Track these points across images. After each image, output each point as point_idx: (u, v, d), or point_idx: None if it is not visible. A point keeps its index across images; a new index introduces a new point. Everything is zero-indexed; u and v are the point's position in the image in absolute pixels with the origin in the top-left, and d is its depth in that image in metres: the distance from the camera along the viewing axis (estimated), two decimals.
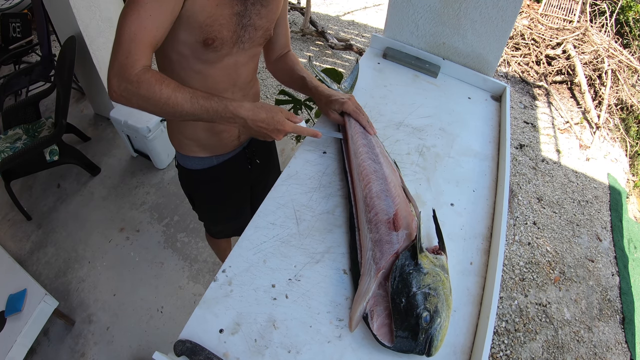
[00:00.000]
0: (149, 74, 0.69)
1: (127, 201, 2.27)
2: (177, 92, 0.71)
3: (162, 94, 0.70)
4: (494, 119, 1.17)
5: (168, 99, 0.70)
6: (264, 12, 0.83)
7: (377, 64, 1.31)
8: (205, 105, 0.73)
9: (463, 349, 0.68)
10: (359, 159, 0.88)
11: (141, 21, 0.67)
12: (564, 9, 4.07)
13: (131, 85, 0.68)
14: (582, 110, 3.34)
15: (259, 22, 0.83)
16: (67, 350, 1.68)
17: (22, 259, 1.99)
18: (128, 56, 0.67)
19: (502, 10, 1.12)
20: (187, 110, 0.72)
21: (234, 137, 1.06)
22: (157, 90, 0.69)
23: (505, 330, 1.93)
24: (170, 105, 0.71)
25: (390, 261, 0.70)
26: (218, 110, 0.74)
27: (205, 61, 0.83)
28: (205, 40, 0.77)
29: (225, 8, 0.75)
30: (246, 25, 0.80)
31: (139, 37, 0.67)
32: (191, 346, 0.62)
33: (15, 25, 2.79)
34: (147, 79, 0.68)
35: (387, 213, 0.77)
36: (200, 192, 1.18)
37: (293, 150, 2.60)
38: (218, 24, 0.75)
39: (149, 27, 0.67)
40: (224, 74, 0.88)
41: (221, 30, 0.77)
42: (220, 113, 0.75)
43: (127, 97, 0.70)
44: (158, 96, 0.69)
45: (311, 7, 3.65)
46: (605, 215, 2.58)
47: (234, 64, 0.88)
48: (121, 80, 0.68)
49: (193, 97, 0.72)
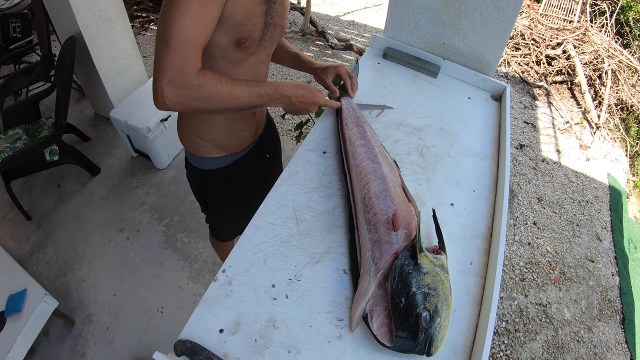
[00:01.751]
0: (208, 74, 0.71)
1: (127, 201, 2.27)
2: (235, 86, 0.76)
3: (224, 92, 0.74)
4: (494, 119, 1.17)
5: (229, 94, 0.75)
6: (281, 10, 0.84)
7: (377, 64, 1.31)
8: (260, 92, 0.80)
9: (463, 349, 0.68)
10: (357, 160, 0.88)
11: (193, 24, 0.65)
12: (564, 9, 4.07)
13: (192, 90, 0.69)
14: (582, 110, 3.34)
15: (279, 21, 0.85)
16: (67, 351, 1.68)
17: (22, 259, 1.99)
18: (184, 61, 0.66)
19: (502, 11, 1.12)
20: (245, 101, 0.78)
21: (251, 135, 1.08)
22: (219, 90, 0.73)
23: (505, 330, 1.93)
24: (231, 100, 0.76)
25: (389, 261, 0.70)
26: (270, 93, 0.82)
27: (233, 61, 0.84)
28: (238, 39, 0.78)
29: (257, 7, 0.76)
30: (269, 24, 0.82)
31: (193, 41, 0.66)
32: (191, 346, 0.62)
33: (15, 25, 2.79)
34: (208, 80, 0.71)
35: (386, 213, 0.77)
36: (214, 191, 1.18)
37: (293, 150, 2.60)
38: (252, 23, 0.77)
39: (201, 29, 0.67)
40: (247, 73, 0.90)
41: (254, 30, 0.78)
42: (271, 96, 0.83)
43: (184, 103, 0.70)
44: (220, 95, 0.73)
45: (311, 7, 3.65)
46: (605, 215, 2.58)
47: (256, 62, 0.90)
48: (178, 87, 0.67)
49: (249, 87, 0.79)
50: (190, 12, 0.64)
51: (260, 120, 1.11)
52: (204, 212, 1.33)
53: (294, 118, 2.81)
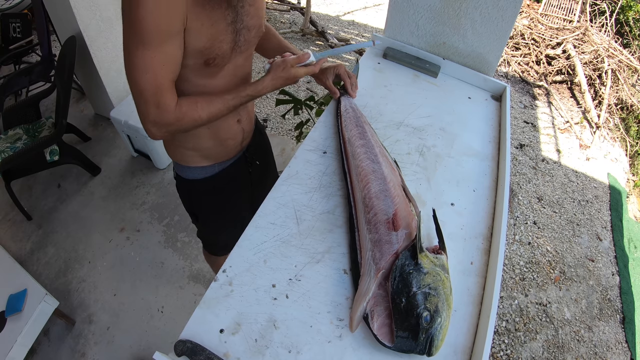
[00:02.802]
0: (183, 107, 0.75)
1: (127, 201, 2.27)
2: (213, 106, 0.79)
3: (202, 116, 0.78)
4: (494, 118, 1.17)
5: (209, 116, 0.79)
6: (253, 11, 0.83)
7: (377, 64, 1.31)
8: (240, 100, 0.83)
9: (463, 349, 0.68)
10: (357, 160, 0.88)
11: (157, 73, 0.69)
12: (564, 9, 4.07)
13: (172, 126, 0.75)
14: (582, 110, 3.34)
15: (251, 22, 0.83)
16: (67, 350, 1.68)
17: (22, 259, 1.99)
18: (159, 106, 0.72)
19: (502, 10, 1.12)
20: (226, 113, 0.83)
21: (238, 143, 1.07)
22: (197, 117, 0.77)
23: (505, 330, 1.93)
24: (212, 119, 0.81)
25: (390, 261, 0.70)
26: (251, 94, 0.85)
27: (208, 75, 0.84)
28: (206, 60, 0.78)
29: (220, 23, 0.74)
30: (240, 30, 0.80)
31: (163, 86, 0.71)
32: (192, 346, 0.62)
33: (15, 25, 2.79)
34: (185, 112, 0.75)
35: (386, 213, 0.77)
36: (203, 201, 1.17)
37: (293, 150, 2.60)
38: (217, 41, 0.76)
39: (166, 73, 0.71)
40: (226, 81, 0.89)
41: (221, 47, 0.77)
42: (253, 96, 0.86)
43: (171, 134, 0.78)
44: (201, 119, 0.78)
45: (311, 7, 3.65)
46: (605, 214, 2.58)
47: (233, 69, 0.89)
48: (160, 127, 0.75)
49: (226, 102, 0.81)
50: (152, 66, 0.68)
51: (247, 128, 1.09)
52: (194, 223, 1.31)
53: (294, 118, 2.81)
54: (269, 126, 2.85)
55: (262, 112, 2.97)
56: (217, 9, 0.72)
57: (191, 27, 0.70)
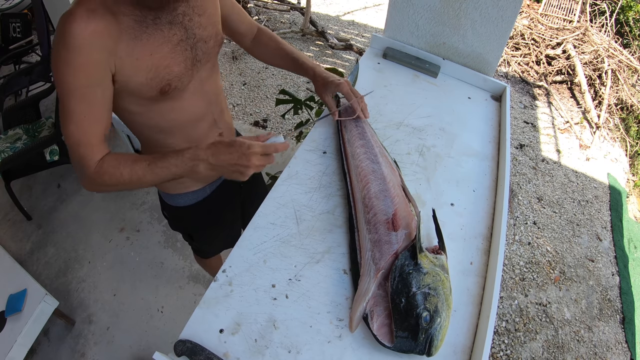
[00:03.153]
0: (105, 163, 0.71)
1: (127, 201, 2.27)
2: (136, 168, 0.71)
3: (124, 176, 0.71)
4: (494, 118, 1.17)
5: (131, 177, 0.71)
6: (204, 20, 0.78)
7: (377, 64, 1.30)
8: (165, 165, 0.72)
9: (463, 349, 0.68)
10: (356, 160, 0.88)
11: (79, 125, 0.67)
12: (564, 9, 4.07)
13: (94, 182, 0.71)
14: (582, 110, 3.34)
15: (205, 33, 0.79)
16: (67, 350, 1.68)
17: (22, 259, 1.99)
18: (81, 160, 0.70)
19: (502, 10, 1.12)
20: (151, 179, 0.73)
21: None
22: (118, 175, 0.71)
23: (505, 330, 1.93)
24: (135, 181, 0.72)
25: (389, 261, 0.70)
26: (177, 163, 0.72)
27: (172, 100, 0.80)
28: (161, 89, 0.74)
29: (162, 48, 0.70)
30: (195, 44, 0.77)
31: (84, 140, 0.69)
32: (191, 346, 0.62)
33: (15, 25, 2.79)
34: (106, 170, 0.70)
35: (385, 213, 0.77)
36: (199, 224, 1.15)
37: (293, 151, 2.60)
38: (163, 67, 0.71)
39: (88, 127, 0.68)
40: (194, 100, 0.85)
41: (170, 71, 0.73)
42: (183, 164, 0.72)
43: (100, 190, 0.74)
44: (122, 179, 0.71)
45: (311, 7, 3.64)
46: (605, 215, 2.58)
47: (199, 85, 0.84)
48: (86, 181, 0.72)
49: (151, 164, 0.72)
50: (72, 116, 0.66)
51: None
52: (186, 240, 1.29)
53: (293, 118, 2.81)
54: (269, 126, 2.85)
55: (262, 112, 2.97)
56: (155, 36, 0.69)
57: (124, 66, 0.67)
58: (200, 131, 0.92)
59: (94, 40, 0.61)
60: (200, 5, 0.77)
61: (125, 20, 0.65)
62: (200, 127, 0.91)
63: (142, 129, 0.86)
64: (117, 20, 0.64)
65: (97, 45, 0.62)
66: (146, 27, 0.67)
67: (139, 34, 0.67)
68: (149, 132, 0.86)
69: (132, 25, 0.66)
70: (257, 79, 3.28)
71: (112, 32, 0.63)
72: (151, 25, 0.68)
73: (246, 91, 3.15)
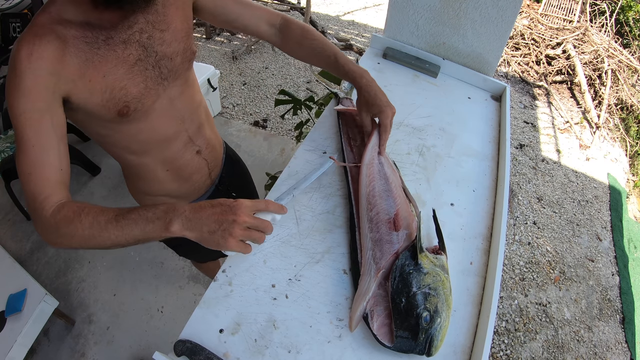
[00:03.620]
0: (65, 208, 0.60)
1: (127, 201, 2.26)
2: (100, 216, 0.59)
3: (84, 225, 0.59)
4: (494, 118, 1.17)
5: (92, 228, 0.59)
6: (168, 36, 0.73)
7: (377, 64, 1.30)
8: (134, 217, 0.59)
9: (463, 349, 0.68)
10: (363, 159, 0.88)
11: (27, 154, 0.60)
12: (564, 9, 4.07)
13: (49, 228, 0.60)
14: (582, 110, 3.34)
15: (170, 49, 0.74)
16: (67, 350, 1.68)
17: (22, 259, 1.99)
18: (34, 198, 0.61)
19: (502, 10, 1.12)
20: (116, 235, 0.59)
21: (206, 177, 1.00)
22: (77, 224, 0.59)
23: (505, 330, 1.93)
24: (96, 235, 0.59)
25: (390, 261, 0.70)
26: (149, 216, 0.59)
27: (138, 121, 0.75)
28: (118, 112, 0.69)
29: (117, 70, 0.67)
30: (158, 61, 0.72)
31: (35, 172, 0.61)
32: (191, 346, 0.62)
33: (15, 25, 2.79)
34: (64, 215, 0.59)
35: (388, 213, 0.77)
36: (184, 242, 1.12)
37: (293, 150, 2.60)
38: (119, 89, 0.68)
39: (39, 157, 0.61)
40: (164, 119, 0.80)
41: (127, 93, 0.69)
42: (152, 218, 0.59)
43: (57, 243, 0.61)
44: (81, 229, 0.59)
45: (311, 7, 3.64)
46: (605, 215, 2.58)
47: (168, 103, 0.80)
48: (39, 226, 0.61)
49: (119, 215, 0.59)
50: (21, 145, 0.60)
51: (211, 158, 0.99)
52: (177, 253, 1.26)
53: (293, 118, 2.81)
54: (269, 126, 2.85)
55: (262, 112, 2.97)
56: (108, 57, 0.65)
57: (77, 89, 0.64)
58: (174, 150, 0.88)
59: (39, 65, 0.59)
60: (162, 20, 0.71)
61: (75, 43, 0.62)
62: (173, 146, 0.87)
63: (114, 150, 0.83)
64: (66, 44, 0.61)
65: (42, 70, 0.59)
66: (97, 48, 0.64)
67: (90, 56, 0.64)
68: (122, 152, 0.83)
69: (83, 48, 0.63)
70: (257, 78, 3.28)
71: (60, 57, 0.61)
72: (103, 46, 0.65)
73: (246, 91, 3.15)
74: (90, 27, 0.64)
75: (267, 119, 2.91)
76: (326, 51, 0.89)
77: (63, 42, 0.61)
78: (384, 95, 0.84)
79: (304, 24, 0.93)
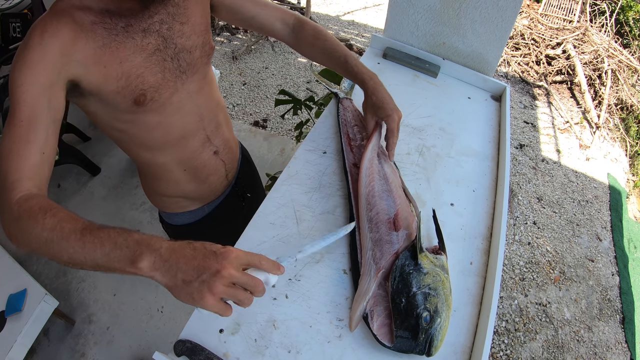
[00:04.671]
0: (32, 201, 0.52)
1: (127, 201, 2.27)
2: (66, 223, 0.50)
3: (46, 227, 0.50)
4: (494, 118, 1.17)
5: (52, 232, 0.49)
6: (188, 29, 0.73)
7: (377, 64, 1.30)
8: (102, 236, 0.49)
9: (463, 349, 0.68)
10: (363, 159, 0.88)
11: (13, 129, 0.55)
12: (564, 9, 4.07)
13: (11, 218, 0.52)
14: (582, 110, 3.34)
15: (189, 43, 0.74)
16: (67, 350, 1.68)
17: (22, 259, 1.99)
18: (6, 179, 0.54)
19: (502, 10, 1.12)
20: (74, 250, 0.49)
21: (223, 178, 0.99)
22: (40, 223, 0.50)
23: (505, 330, 1.93)
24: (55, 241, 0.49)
25: (390, 261, 0.70)
26: (118, 241, 0.49)
27: (155, 114, 0.75)
28: (134, 100, 0.69)
29: (135, 57, 0.67)
30: (177, 53, 0.72)
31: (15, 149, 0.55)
32: (191, 346, 0.62)
33: (15, 25, 2.79)
34: (28, 207, 0.51)
35: (387, 213, 0.77)
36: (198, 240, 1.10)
37: (293, 150, 2.60)
38: (135, 76, 0.68)
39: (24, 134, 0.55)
40: (181, 114, 0.79)
41: (144, 81, 0.69)
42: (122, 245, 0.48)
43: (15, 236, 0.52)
44: (41, 230, 0.50)
45: (311, 7, 3.64)
46: (605, 215, 2.58)
47: (187, 98, 0.79)
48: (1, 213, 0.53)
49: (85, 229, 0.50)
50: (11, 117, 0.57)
51: (229, 159, 0.98)
52: None
53: (293, 118, 2.81)
54: (269, 126, 2.85)
55: (262, 112, 2.97)
56: (126, 44, 0.66)
57: (91, 74, 0.64)
58: (191, 149, 0.86)
59: (51, 42, 0.59)
60: (183, 13, 0.72)
61: (93, 28, 0.63)
62: (191, 144, 0.86)
63: (130, 147, 0.83)
64: (82, 28, 0.62)
65: (53, 47, 0.59)
66: (116, 34, 0.65)
67: (107, 41, 0.64)
68: (138, 149, 0.83)
69: (101, 33, 0.63)
70: (257, 78, 3.28)
71: (74, 39, 0.61)
72: (122, 33, 0.65)
73: (246, 91, 3.15)
74: (110, 14, 0.64)
75: (267, 119, 2.91)
76: (337, 52, 0.89)
77: (80, 26, 0.62)
78: (392, 100, 0.85)
79: (316, 24, 0.93)
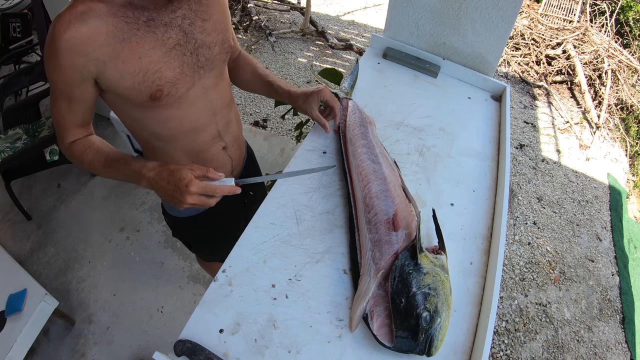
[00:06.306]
0: (75, 146, 0.79)
1: (127, 201, 2.27)
2: (97, 156, 0.78)
3: (85, 160, 0.78)
4: (494, 119, 1.17)
5: (90, 165, 0.78)
6: (209, 26, 0.75)
7: (377, 64, 1.31)
8: (117, 167, 0.75)
9: (463, 349, 0.68)
10: (357, 160, 0.88)
11: (58, 113, 0.75)
12: (564, 9, 4.07)
13: (66, 154, 0.81)
14: (582, 110, 3.34)
15: (209, 39, 0.76)
16: (67, 350, 1.68)
17: (22, 259, 1.99)
18: (60, 135, 0.79)
19: (502, 10, 1.12)
20: (104, 174, 0.79)
21: (228, 174, 1.01)
22: (83, 160, 0.78)
23: (505, 330, 1.93)
24: (95, 170, 0.79)
25: (390, 261, 0.70)
26: (125, 171, 0.74)
27: (170, 107, 0.77)
28: (150, 96, 0.71)
29: (154, 52, 0.68)
30: (197, 49, 0.74)
31: (62, 123, 0.77)
32: (191, 346, 0.62)
33: (15, 25, 2.79)
34: (73, 150, 0.79)
35: (386, 213, 0.77)
36: (198, 235, 1.13)
37: (293, 150, 2.60)
38: (153, 72, 0.69)
39: (65, 116, 0.76)
40: (195, 109, 0.81)
41: (162, 76, 0.70)
42: (128, 174, 0.74)
43: (75, 164, 0.82)
44: (84, 164, 0.79)
45: (311, 7, 3.64)
46: (605, 215, 2.58)
47: (202, 93, 0.81)
48: (64, 151, 0.81)
49: (107, 160, 0.77)
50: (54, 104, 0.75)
51: (236, 156, 1.00)
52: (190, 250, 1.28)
53: (294, 118, 2.81)
54: (269, 126, 2.85)
55: (262, 112, 2.97)
56: (147, 38, 0.66)
57: (107, 70, 0.66)
58: (201, 142, 0.88)
59: (71, 46, 0.62)
60: (205, 10, 0.74)
61: (114, 22, 0.63)
62: (201, 138, 0.87)
63: (141, 135, 0.85)
64: (103, 24, 0.62)
65: (74, 50, 0.63)
66: (137, 29, 0.65)
67: (128, 36, 0.65)
68: (149, 138, 0.85)
69: (122, 27, 0.64)
70: None
71: (94, 36, 0.62)
72: (143, 27, 0.66)
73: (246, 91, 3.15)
74: (133, 7, 0.65)
75: (267, 119, 2.91)
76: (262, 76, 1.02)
77: (100, 20, 0.63)
78: (310, 87, 0.96)
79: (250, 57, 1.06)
